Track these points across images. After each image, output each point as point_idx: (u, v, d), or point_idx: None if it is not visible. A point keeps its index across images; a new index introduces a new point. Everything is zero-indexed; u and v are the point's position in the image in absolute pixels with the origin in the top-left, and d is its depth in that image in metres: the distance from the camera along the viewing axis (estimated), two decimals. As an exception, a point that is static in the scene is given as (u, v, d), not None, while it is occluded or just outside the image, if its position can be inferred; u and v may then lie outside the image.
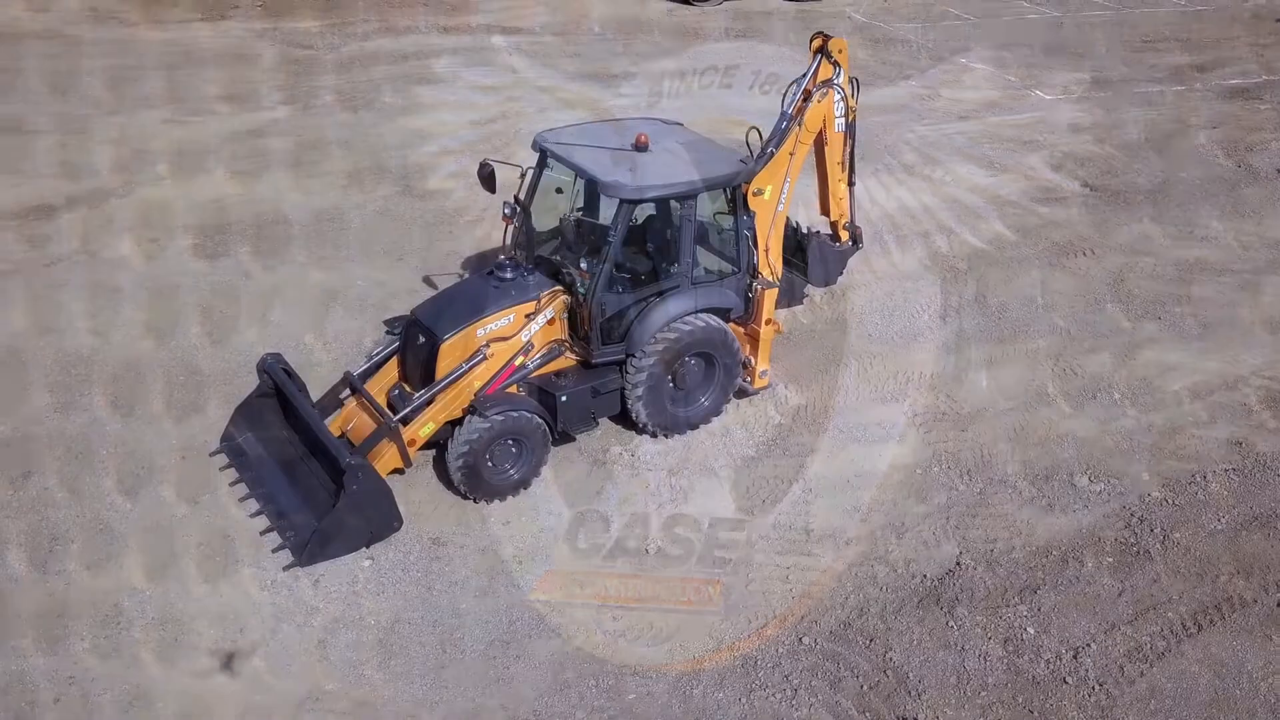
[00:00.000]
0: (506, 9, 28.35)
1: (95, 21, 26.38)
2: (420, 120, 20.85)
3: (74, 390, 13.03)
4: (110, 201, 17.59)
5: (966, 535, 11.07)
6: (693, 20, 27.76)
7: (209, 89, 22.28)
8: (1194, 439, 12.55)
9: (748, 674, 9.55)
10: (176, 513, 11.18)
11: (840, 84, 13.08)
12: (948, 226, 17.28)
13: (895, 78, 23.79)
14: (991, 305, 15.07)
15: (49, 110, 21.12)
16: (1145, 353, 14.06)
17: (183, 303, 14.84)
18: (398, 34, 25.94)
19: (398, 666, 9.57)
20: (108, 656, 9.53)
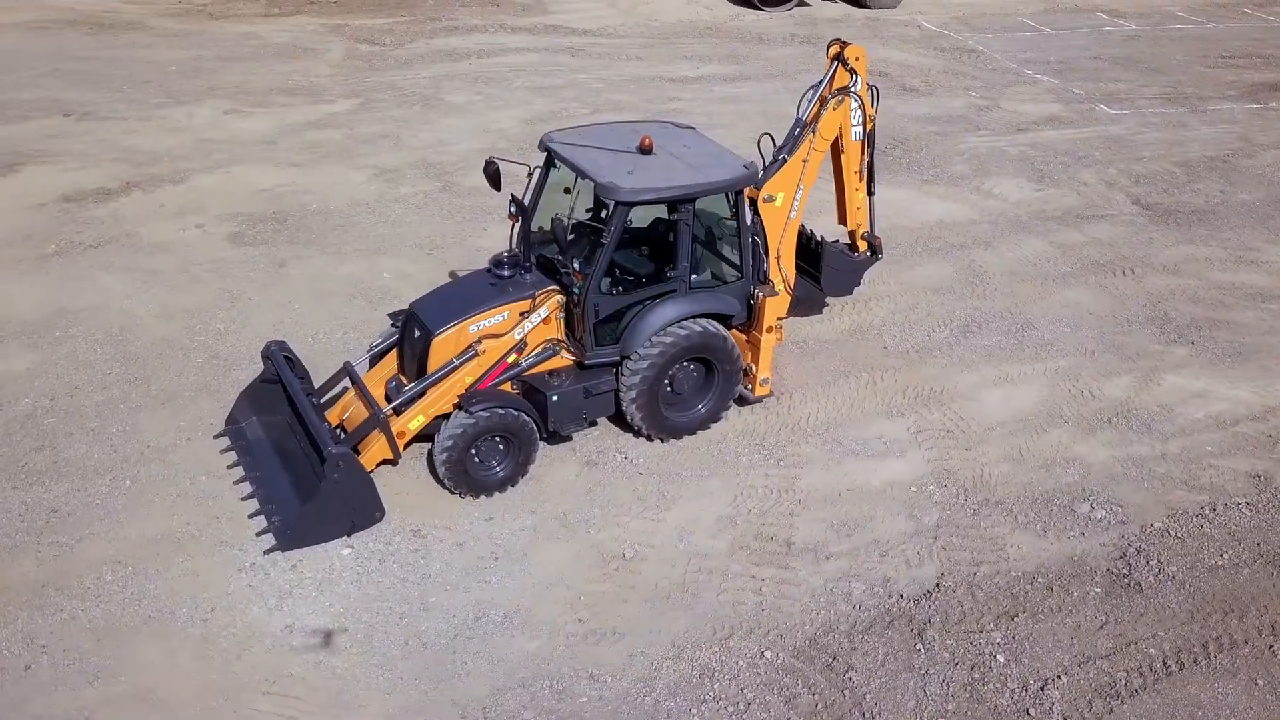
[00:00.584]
0: (576, 10, 28.36)
1: (182, 15, 27.06)
2: (472, 118, 20.95)
3: (98, 369, 13.31)
4: (163, 187, 17.98)
5: (951, 557, 10.69)
6: (758, 25, 27.45)
7: (275, 82, 22.68)
8: (1210, 470, 11.97)
9: (703, 684, 9.33)
10: (172, 491, 11.33)
11: (857, 92, 12.74)
12: (987, 240, 16.77)
13: (956, 88, 23.20)
14: (1017, 322, 14.57)
15: (126, 98, 21.69)
16: (1171, 378, 13.45)
17: (213, 288, 15.10)
18: (464, 32, 26.11)
19: (358, 654, 9.56)
20: (82, 629, 9.67)
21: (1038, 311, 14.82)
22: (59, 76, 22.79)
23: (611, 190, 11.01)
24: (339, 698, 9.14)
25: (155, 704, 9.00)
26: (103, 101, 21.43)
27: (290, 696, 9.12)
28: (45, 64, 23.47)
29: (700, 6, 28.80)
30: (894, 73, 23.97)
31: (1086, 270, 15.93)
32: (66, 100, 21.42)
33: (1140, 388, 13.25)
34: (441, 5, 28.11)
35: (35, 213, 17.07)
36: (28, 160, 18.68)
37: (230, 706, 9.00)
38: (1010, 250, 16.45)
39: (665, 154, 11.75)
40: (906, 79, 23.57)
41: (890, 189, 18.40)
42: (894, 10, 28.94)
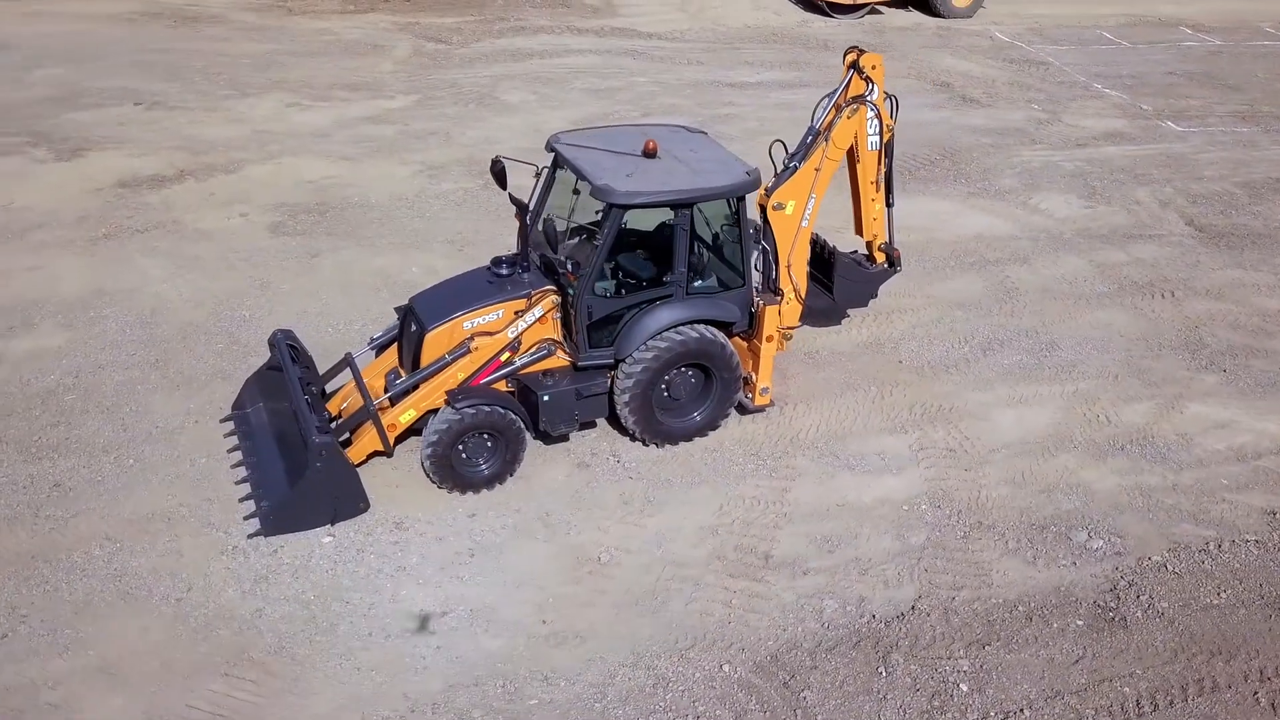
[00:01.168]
0: (645, 14, 28.24)
1: (263, 10, 27.61)
2: (524, 117, 20.97)
3: (124, 349, 13.60)
4: (216, 176, 18.33)
5: (933, 579, 10.32)
6: (824, 32, 27.01)
7: (339, 77, 23.00)
8: (1223, 504, 11.38)
9: (656, 694, 9.14)
10: (172, 472, 11.51)
11: (874, 101, 12.39)
12: (1024, 256, 16.22)
13: (1018, 100, 22.53)
14: (1042, 341, 14.05)
15: (195, 89, 22.20)
16: (1195, 406, 12.83)
17: (245, 275, 15.33)
18: (530, 33, 26.18)
19: (322, 643, 9.57)
20: (62, 601, 9.86)
21: (1065, 331, 14.26)
22: (139, 67, 23.41)
23: (606, 192, 10.88)
24: (294, 684, 9.16)
25: (118, 679, 9.12)
26: (173, 92, 21.96)
27: (246, 680, 9.17)
28: (128, 54, 24.14)
29: (769, 12, 28.46)
30: (955, 83, 23.38)
31: (1124, 291, 15.29)
32: (140, 90, 22.00)
33: (1160, 415, 12.66)
34: (511, 5, 28.24)
35: (93, 196, 17.54)
36: (94, 146, 19.21)
37: (187, 685, 9.08)
38: (1047, 267, 15.88)
39: (669, 158, 11.57)
40: (968, 90, 22.96)
41: (932, 200, 17.98)
42: (969, 20, 28.23)
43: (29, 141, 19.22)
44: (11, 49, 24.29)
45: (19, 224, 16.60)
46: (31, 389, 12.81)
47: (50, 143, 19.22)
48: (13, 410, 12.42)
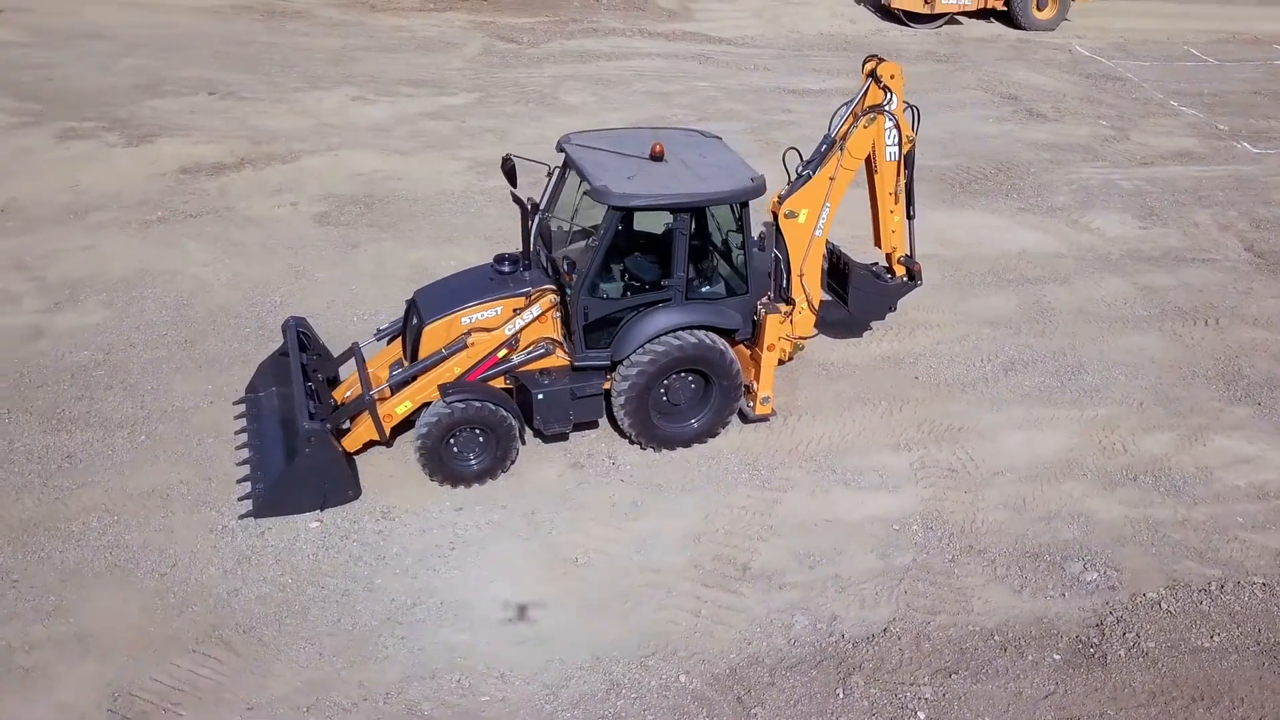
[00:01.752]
0: (719, 19, 28.01)
1: (346, 6, 28.07)
2: (582, 118, 20.89)
3: (156, 329, 13.92)
4: (273, 166, 18.68)
5: (911, 602, 9.98)
6: (899, 41, 26.45)
7: (408, 73, 23.26)
8: (1233, 543, 10.79)
9: (608, 700, 9.01)
10: (179, 450, 11.73)
11: (893, 111, 12.04)
12: (1065, 275, 15.63)
13: (1086, 116, 21.75)
14: (1068, 364, 13.51)
15: (268, 81, 22.67)
16: (1220, 439, 12.20)
17: (284, 262, 15.58)
18: (601, 35, 26.16)
19: (290, 627, 9.65)
20: (53, 569, 10.11)
21: (1094, 354, 13.69)
22: (219, 58, 24.01)
23: (604, 194, 10.77)
24: (255, 665, 9.25)
25: (91, 647, 9.32)
26: (247, 83, 22.45)
27: (212, 658, 9.29)
28: (213, 46, 24.76)
29: (844, 20, 27.99)
30: (1024, 96, 22.67)
31: (1165, 316, 14.63)
32: (217, 80, 22.54)
33: (1181, 446, 12.07)
34: (586, 8, 28.26)
35: (155, 181, 18.01)
36: (163, 133, 19.72)
37: (156, 659, 9.23)
38: (1087, 288, 15.27)
39: (676, 162, 11.41)
40: (1036, 104, 22.25)
41: (979, 214, 17.47)
42: (1051, 33, 27.37)
43: (104, 126, 19.81)
44: (107, 38, 25.10)
45: (82, 205, 17.12)
46: (64, 362, 13.18)
47: (125, 128, 19.79)
48: (44, 382, 12.79)
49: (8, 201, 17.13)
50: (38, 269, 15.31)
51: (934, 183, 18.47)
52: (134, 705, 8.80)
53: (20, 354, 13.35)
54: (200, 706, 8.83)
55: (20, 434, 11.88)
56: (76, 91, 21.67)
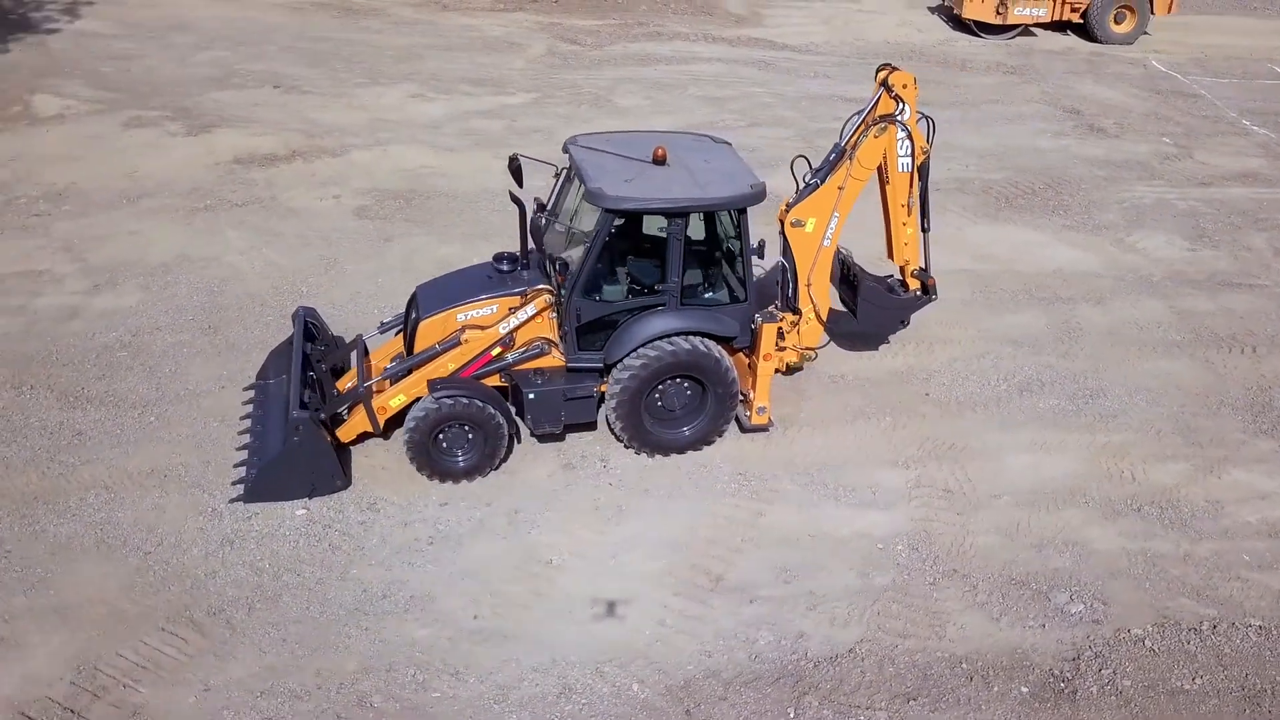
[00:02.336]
0: (787, 26, 27.63)
1: (419, 5, 28.36)
2: (631, 120, 20.80)
3: (185, 313, 14.17)
4: (322, 159, 18.92)
5: (882, 624, 9.64)
6: (966, 52, 25.79)
7: (469, 72, 23.39)
8: (1235, 582, 10.22)
9: (558, 704, 8.87)
10: (184, 433, 11.90)
11: (905, 121, 11.68)
12: (1100, 296, 15.02)
13: (1150, 133, 20.91)
14: (1088, 387, 12.97)
15: (333, 76, 23.00)
16: (1237, 473, 11.58)
17: (317, 253, 15.75)
18: (665, 39, 26.00)
19: (260, 611, 9.70)
20: (45, 542, 10.32)
21: (1117, 379, 13.11)
22: (291, 53, 24.45)
23: (597, 196, 10.64)
24: (220, 647, 9.32)
25: (66, 620, 9.49)
26: (313, 78, 22.81)
27: (179, 637, 9.38)
28: (287, 41, 25.23)
29: (913, 29, 27.39)
30: (1087, 110, 21.90)
31: (1199, 342, 13.95)
32: (284, 74, 22.95)
33: (1194, 478, 11.48)
34: (654, 11, 28.12)
35: (208, 170, 18.38)
36: (224, 123, 20.13)
37: (125, 634, 9.36)
38: (1121, 309, 14.65)
39: (678, 166, 11.22)
40: (1098, 118, 21.47)
41: (1021, 230, 16.92)
42: (1128, 47, 26.42)
43: (169, 116, 20.29)
44: (190, 30, 25.76)
45: (136, 191, 17.55)
46: (93, 343, 13.49)
47: (187, 118, 20.25)
48: (69, 360, 13.11)
49: (68, 185, 17.64)
50: (84, 251, 15.71)
51: (978, 196, 17.95)
52: (96, 679, 8.93)
53: (54, 332, 13.70)
54: (159, 684, 8.92)
55: (38, 409, 12.17)
56: (151, 82, 22.26)
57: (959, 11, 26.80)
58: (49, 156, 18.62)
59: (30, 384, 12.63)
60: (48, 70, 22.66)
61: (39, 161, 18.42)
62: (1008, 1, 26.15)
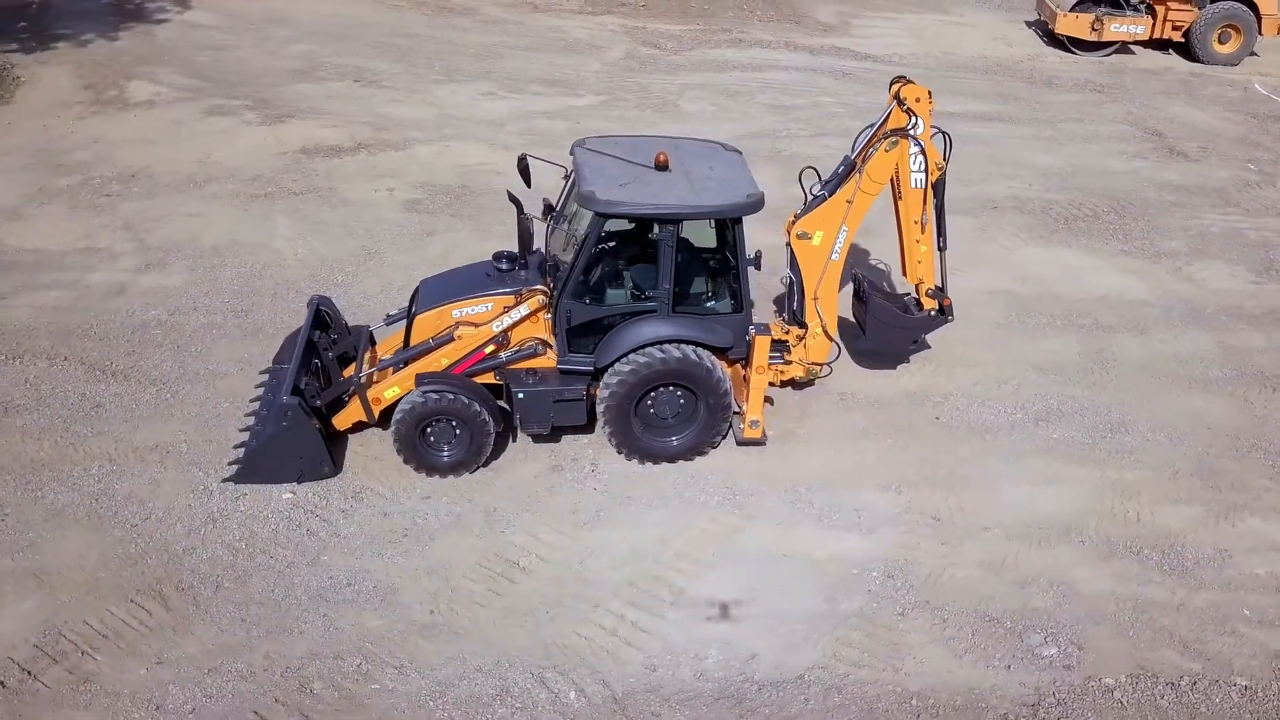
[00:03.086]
0: (875, 36, 26.97)
1: (510, 5, 28.55)
2: (693, 126, 20.47)
3: (222, 296, 14.49)
4: (385, 152, 19.17)
5: (839, 652, 9.28)
6: (1055, 68, 24.79)
7: (545, 73, 23.44)
8: (1228, 636, 9.54)
9: (491, 705, 8.78)
10: (194, 411, 12.16)
11: (917, 136, 11.23)
12: (1144, 326, 14.24)
13: (1234, 159, 19.76)
14: (1109, 420, 12.29)
15: (412, 72, 23.31)
16: (1253, 521, 10.83)
17: (359, 244, 15.95)
18: (746, 46, 25.64)
19: (227, 590, 9.83)
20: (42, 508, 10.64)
21: (1143, 413, 12.40)
22: (378, 48, 24.86)
23: (588, 199, 10.52)
24: (181, 622, 9.47)
25: (43, 584, 9.77)
26: (393, 73, 23.15)
27: (144, 609, 9.57)
28: (378, 36, 25.67)
29: (1003, 43, 26.45)
30: (1170, 133, 20.82)
31: (1242, 380, 13.10)
32: (366, 68, 23.34)
33: (1205, 523, 10.77)
34: (740, 18, 27.77)
35: (275, 159, 18.79)
36: (299, 114, 20.56)
37: (93, 603, 9.60)
38: (1164, 342, 13.86)
39: (679, 173, 11.02)
40: (1181, 142, 20.40)
41: (1073, 253, 16.17)
42: (1231, 68, 25.06)
43: (249, 105, 20.82)
44: (288, 24, 26.41)
45: (203, 176, 18.03)
46: (132, 320, 13.90)
47: (265, 108, 20.74)
48: (106, 335, 13.53)
49: (141, 168, 18.22)
50: (143, 231, 16.21)
51: (1035, 216, 17.22)
52: (58, 644, 9.16)
53: (98, 307, 14.16)
54: (115, 654, 9.10)
55: (65, 381, 12.57)
56: (240, 72, 22.88)
57: (1053, 27, 25.78)
58: (130, 140, 19.27)
59: (64, 355, 13.05)
60: (149, 58, 23.48)
61: (120, 144, 19.08)
62: (1103, 18, 25.06)
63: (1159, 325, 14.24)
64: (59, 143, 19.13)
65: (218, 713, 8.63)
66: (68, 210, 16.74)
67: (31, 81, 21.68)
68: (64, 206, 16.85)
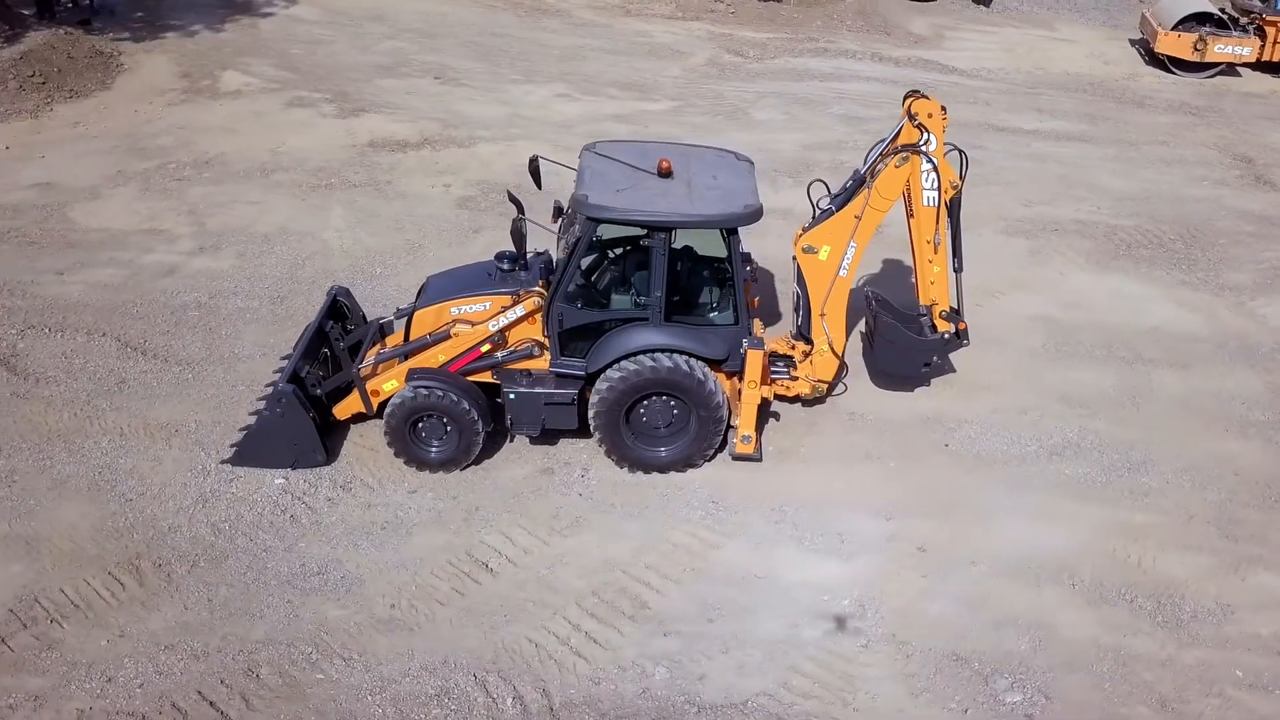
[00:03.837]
0: (967, 49, 26.09)
1: (602, 9, 28.51)
2: (760, 135, 20.19)
3: (264, 282, 14.74)
4: (449, 149, 19.31)
5: (790, 681, 8.92)
6: (1150, 89, 23.57)
7: (623, 76, 23.33)
8: (1214, 698, 8.85)
9: (429, 704, 8.69)
10: (211, 393, 12.38)
11: (930, 153, 10.73)
12: (1189, 361, 13.37)
13: (1328, 188, 18.50)
14: (1130, 459, 11.55)
15: (492, 72, 23.45)
16: (1265, 577, 10.04)
17: (405, 237, 16.07)
18: (831, 55, 25.07)
19: (201, 570, 9.96)
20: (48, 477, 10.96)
21: (1168, 454, 11.62)
22: (466, 46, 25.12)
23: (580, 203, 10.36)
24: (150, 598, 9.63)
25: (30, 551, 10.06)
26: (475, 71, 23.34)
27: (119, 583, 9.76)
28: (467, 35, 25.93)
29: (1099, 61, 25.28)
30: (1261, 160, 19.57)
31: (1284, 425, 12.20)
32: (449, 66, 23.59)
33: (1212, 575, 10.01)
34: (829, 27, 27.18)
35: (343, 151, 19.10)
36: (374, 108, 20.87)
37: (74, 573, 9.83)
38: (1208, 379, 12.98)
39: (681, 181, 10.77)
40: (1270, 170, 19.15)
41: (1129, 281, 15.32)
42: (1347, 94, 23.50)
43: (328, 98, 21.22)
44: (385, 20, 26.88)
45: (272, 165, 18.43)
46: (173, 301, 14.25)
47: (343, 101, 21.11)
48: (147, 314, 13.89)
49: (216, 155, 18.72)
50: (205, 216, 16.62)
51: (1096, 241, 16.36)
52: (32, 610, 9.39)
53: (147, 287, 14.57)
54: (82, 624, 9.30)
55: (98, 356, 12.93)
56: (328, 66, 23.35)
57: (1154, 46, 24.55)
58: (212, 128, 19.82)
59: (103, 331, 13.44)
60: (247, 50, 24.15)
61: (202, 131, 19.63)
62: (1207, 38, 23.74)
63: (1206, 362, 13.35)
64: (146, 127, 19.79)
65: (164, 689, 8.72)
66: (139, 193, 17.28)
67: (134, 69, 22.49)
68: (137, 189, 17.40)
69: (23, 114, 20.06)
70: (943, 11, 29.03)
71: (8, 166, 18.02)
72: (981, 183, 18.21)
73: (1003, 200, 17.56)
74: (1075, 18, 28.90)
